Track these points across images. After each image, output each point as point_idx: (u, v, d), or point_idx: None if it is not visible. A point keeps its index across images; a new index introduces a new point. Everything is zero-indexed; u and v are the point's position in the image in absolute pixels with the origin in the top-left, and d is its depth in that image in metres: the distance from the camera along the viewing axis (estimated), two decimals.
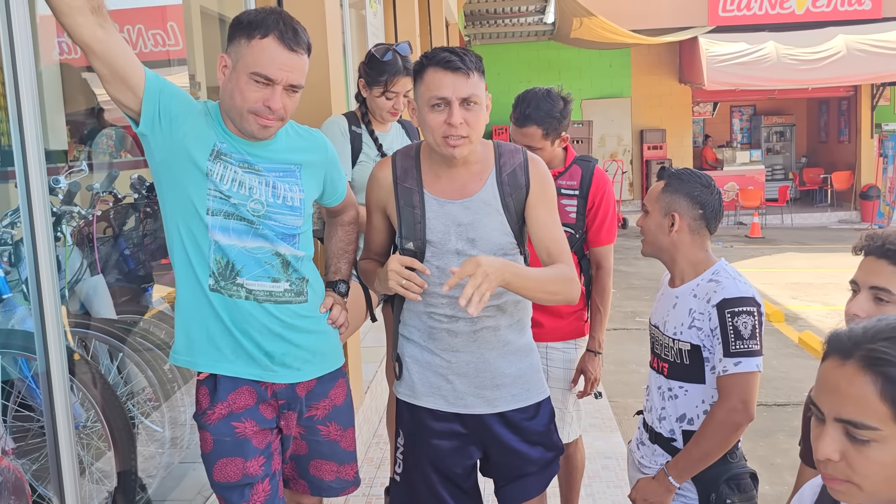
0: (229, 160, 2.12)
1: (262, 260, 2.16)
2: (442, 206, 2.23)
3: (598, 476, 4.13)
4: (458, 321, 2.27)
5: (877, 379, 1.20)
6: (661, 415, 2.35)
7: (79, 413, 2.77)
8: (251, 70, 2.04)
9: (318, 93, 3.53)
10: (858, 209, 16.39)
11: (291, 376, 2.25)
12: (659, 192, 2.34)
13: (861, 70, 14.35)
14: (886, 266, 1.74)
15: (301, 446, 2.34)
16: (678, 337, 2.27)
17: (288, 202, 2.20)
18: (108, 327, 3.21)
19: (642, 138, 17.29)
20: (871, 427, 1.20)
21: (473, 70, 2.13)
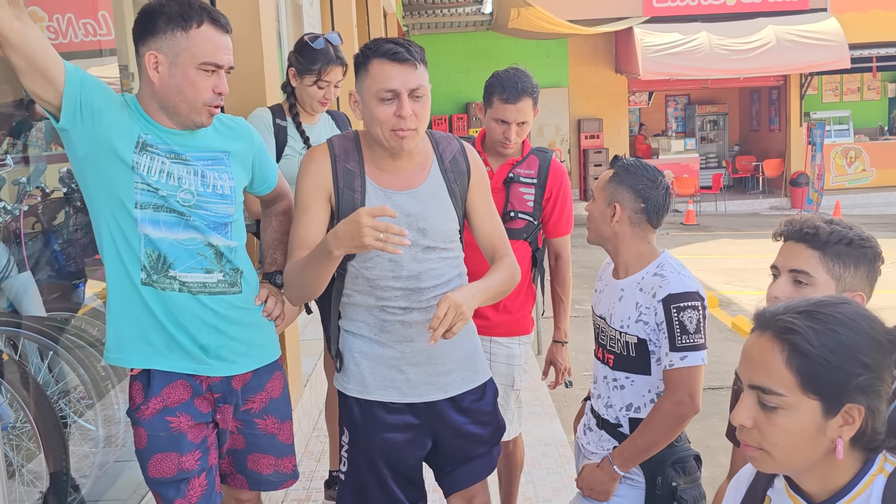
0: (156, 151, 2.09)
1: (195, 251, 2.14)
2: (389, 196, 2.22)
3: (538, 463, 4.17)
4: (412, 312, 2.26)
5: (784, 347, 1.29)
6: (608, 402, 2.38)
7: (7, 414, 2.69)
8: (200, 61, 2.03)
9: (252, 82, 3.48)
10: (789, 196, 16.82)
11: (227, 369, 2.22)
12: (606, 181, 2.36)
13: (790, 60, 14.73)
14: (804, 249, 1.80)
15: (238, 440, 2.32)
16: (625, 330, 2.29)
17: (218, 190, 2.17)
18: (38, 325, 3.13)
19: (580, 128, 17.46)
20: (777, 393, 1.29)
21: (419, 61, 2.14)
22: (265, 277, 2.41)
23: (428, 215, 2.24)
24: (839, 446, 1.28)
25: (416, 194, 2.24)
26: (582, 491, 2.41)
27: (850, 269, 1.77)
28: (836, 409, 1.27)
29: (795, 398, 1.28)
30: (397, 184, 2.24)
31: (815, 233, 1.79)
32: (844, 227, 1.80)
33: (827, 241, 1.77)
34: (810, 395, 1.27)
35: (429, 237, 2.24)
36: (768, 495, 1.46)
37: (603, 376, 2.40)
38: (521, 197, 3.01)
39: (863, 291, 1.78)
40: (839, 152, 16.86)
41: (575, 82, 17.58)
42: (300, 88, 3.22)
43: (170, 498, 2.16)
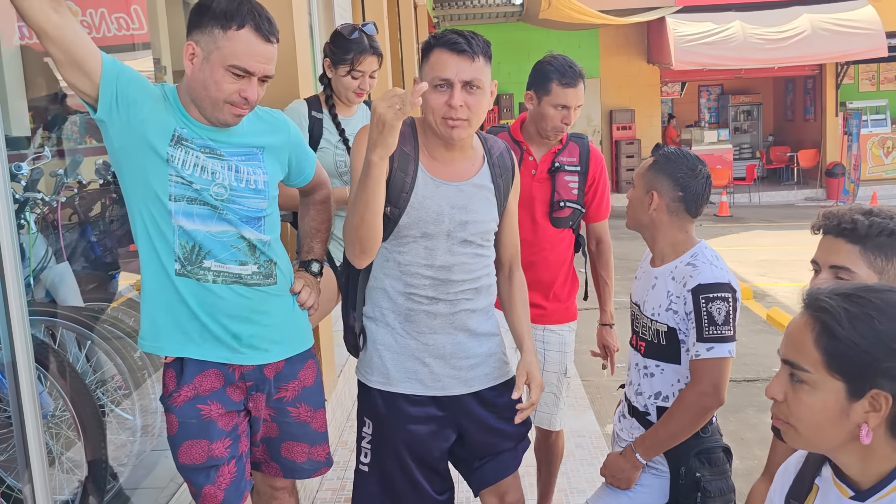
0: (190, 145, 2.09)
1: (228, 243, 2.15)
2: (438, 186, 2.24)
3: (572, 454, 4.16)
4: (438, 303, 2.27)
5: (815, 325, 1.32)
6: (638, 390, 2.37)
7: (47, 402, 2.73)
8: (229, 63, 2.01)
9: (284, 75, 3.49)
10: (824, 187, 16.59)
11: (259, 358, 2.23)
12: (645, 169, 2.35)
13: (825, 49, 14.50)
14: (844, 244, 1.76)
15: (272, 428, 2.33)
16: (656, 318, 2.29)
17: (251, 185, 2.18)
18: (76, 315, 3.17)
19: (611, 119, 17.35)
20: (804, 369, 1.32)
21: (479, 54, 2.14)
22: (301, 266, 2.42)
23: (471, 210, 2.26)
24: (863, 431, 1.29)
25: (463, 187, 2.27)
26: (605, 478, 2.40)
27: (894, 261, 1.74)
28: (861, 392, 1.28)
29: (821, 376, 1.31)
30: (447, 174, 2.26)
31: (853, 227, 1.75)
32: (884, 218, 1.77)
33: (867, 235, 1.74)
34: (835, 376, 1.30)
35: (468, 231, 2.25)
36: (816, 484, 1.45)
37: (635, 363, 2.40)
38: (567, 185, 3.04)
39: None
40: (876, 142, 16.58)
41: (607, 73, 17.46)
42: (335, 79, 3.22)
43: (200, 484, 2.18)
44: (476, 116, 2.17)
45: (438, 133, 2.18)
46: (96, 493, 2.82)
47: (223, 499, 2.19)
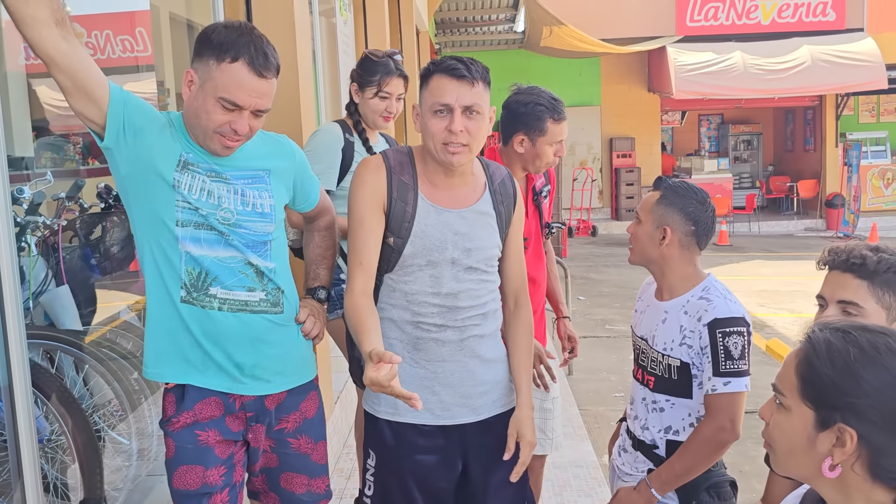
0: (196, 170, 2.10)
1: (236, 269, 2.14)
2: (440, 214, 2.23)
3: (569, 485, 4.14)
4: (446, 330, 2.25)
5: (799, 353, 1.36)
6: (645, 424, 2.35)
7: (42, 426, 2.72)
8: (219, 94, 2.02)
9: (287, 101, 3.51)
10: (824, 217, 16.61)
11: (260, 388, 2.22)
12: (654, 203, 2.32)
13: (825, 80, 14.58)
14: (852, 280, 1.77)
15: (271, 459, 2.31)
16: (668, 353, 2.27)
17: (258, 209, 2.18)
18: (74, 339, 3.16)
19: (612, 146, 17.41)
20: (782, 393, 1.37)
21: (479, 80, 2.16)
22: (307, 293, 2.41)
23: (474, 237, 2.26)
24: (825, 464, 1.30)
25: (465, 214, 2.26)
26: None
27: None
28: (827, 423, 1.30)
29: (794, 402, 1.34)
30: (448, 202, 2.25)
31: (862, 262, 1.76)
32: (891, 255, 1.77)
33: (875, 271, 1.74)
34: (806, 403, 1.32)
35: (472, 258, 2.25)
36: None
37: (641, 398, 2.38)
38: (547, 208, 3.09)
39: None
40: (876, 174, 16.63)
41: (607, 101, 17.54)
42: (363, 103, 3.24)
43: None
44: (476, 142, 2.18)
45: (438, 159, 2.19)
46: None
47: None
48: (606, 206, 17.66)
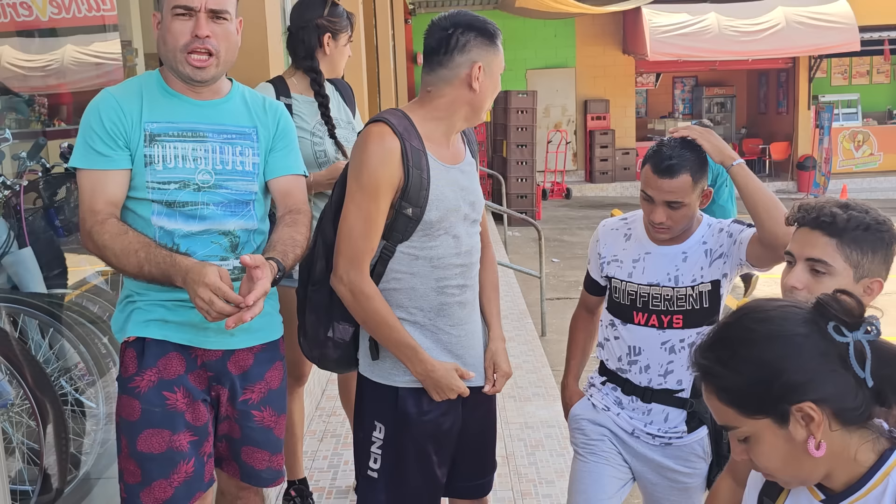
0: (165, 139, 2.08)
1: (209, 240, 2.11)
2: (448, 172, 2.16)
3: (542, 444, 4.16)
4: (465, 290, 2.24)
5: (710, 388, 1.34)
6: (668, 368, 2.36)
7: (6, 391, 2.68)
8: (171, 6, 2.04)
9: (255, 57, 3.43)
10: (795, 179, 16.73)
11: (224, 342, 2.15)
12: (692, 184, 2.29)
13: (799, 42, 14.62)
14: (821, 237, 1.75)
15: (234, 429, 2.24)
16: (700, 281, 2.33)
17: (238, 167, 2.15)
18: (39, 302, 3.11)
19: (586, 108, 17.36)
20: (735, 427, 1.33)
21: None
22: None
23: (473, 189, 2.25)
24: (811, 444, 1.27)
25: (463, 168, 2.24)
26: (691, 132, 2.36)
27: (868, 255, 1.73)
28: (785, 415, 1.27)
29: (749, 425, 1.31)
30: (450, 158, 2.20)
31: (832, 220, 1.74)
32: (860, 212, 1.76)
33: (844, 228, 1.73)
34: (755, 416, 1.29)
35: (476, 210, 2.25)
36: None
37: (661, 343, 2.37)
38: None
39: (880, 276, 1.74)
40: (847, 136, 16.76)
41: (582, 63, 17.46)
42: (336, 52, 3.10)
43: (152, 475, 2.09)
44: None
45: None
46: (58, 482, 2.77)
47: (171, 496, 2.10)
48: (581, 168, 17.66)
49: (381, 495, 2.23)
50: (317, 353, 2.29)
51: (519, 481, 3.73)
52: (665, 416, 2.39)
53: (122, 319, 2.16)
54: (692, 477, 2.40)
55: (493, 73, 2.15)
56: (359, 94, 6.94)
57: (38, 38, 3.86)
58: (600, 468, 2.43)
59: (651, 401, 2.40)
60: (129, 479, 2.12)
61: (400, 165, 2.06)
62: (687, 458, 2.40)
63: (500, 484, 3.66)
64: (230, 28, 2.10)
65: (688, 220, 2.35)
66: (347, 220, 2.09)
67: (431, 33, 2.15)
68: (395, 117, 2.12)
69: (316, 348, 2.27)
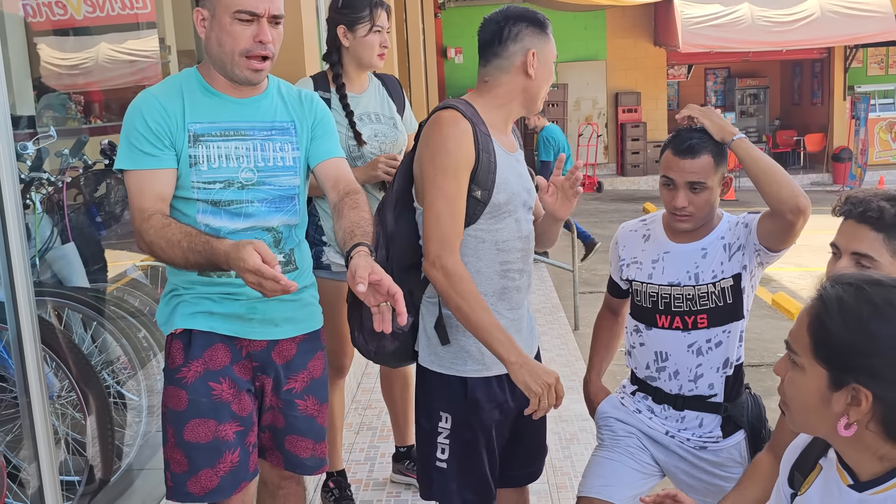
0: (208, 139, 2.10)
1: (253, 237, 2.09)
2: (508, 158, 2.24)
3: (576, 438, 4.16)
4: (524, 275, 2.29)
5: (811, 311, 1.34)
6: (698, 373, 2.34)
7: (52, 383, 2.73)
8: (234, 10, 2.02)
9: (290, 52, 3.45)
10: (831, 171, 16.51)
11: (269, 333, 2.19)
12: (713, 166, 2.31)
13: (834, 32, 14.39)
14: (868, 232, 1.75)
15: (278, 418, 2.27)
16: (721, 276, 2.31)
17: (279, 162, 2.17)
18: (81, 296, 3.17)
19: (617, 101, 17.26)
20: (795, 352, 1.36)
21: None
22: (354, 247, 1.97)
23: (527, 176, 2.32)
24: (841, 423, 1.29)
25: (518, 157, 2.31)
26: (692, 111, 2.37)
27: None
28: (841, 384, 1.29)
29: (808, 361, 1.33)
30: (509, 146, 2.27)
31: (879, 215, 1.74)
32: None
33: (892, 224, 1.72)
34: (819, 363, 1.31)
35: (532, 197, 2.31)
36: (820, 463, 1.47)
37: (687, 345, 2.34)
38: None
39: None
40: (884, 127, 16.49)
41: (613, 55, 17.35)
42: (356, 45, 3.04)
43: (199, 464, 2.12)
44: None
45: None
46: (103, 473, 2.83)
47: (216, 485, 2.14)
48: (612, 161, 17.57)
49: (453, 485, 2.26)
50: (374, 346, 2.30)
51: (554, 474, 3.74)
52: (699, 422, 2.37)
53: (167, 312, 2.19)
54: (729, 481, 2.34)
55: (547, 59, 2.23)
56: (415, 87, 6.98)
57: (73, 37, 3.93)
58: (620, 458, 2.43)
59: (683, 408, 2.38)
60: (176, 468, 2.15)
61: (472, 147, 2.12)
62: (723, 464, 2.37)
63: None
64: (282, 30, 2.13)
65: (709, 208, 2.33)
66: (432, 205, 2.11)
67: (485, 28, 2.23)
68: (462, 104, 2.18)
69: (373, 341, 2.28)
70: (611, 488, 2.35)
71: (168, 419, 2.16)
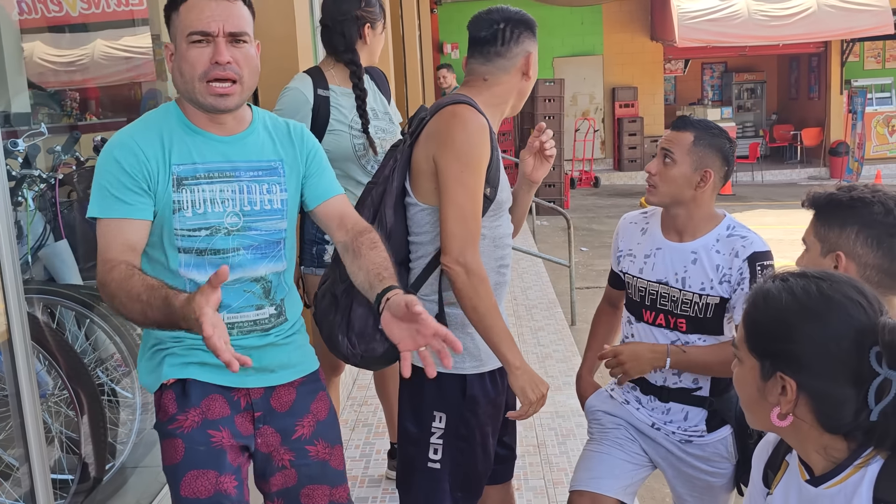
0: (193, 181, 1.92)
1: (241, 290, 1.97)
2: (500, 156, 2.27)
3: (573, 433, 4.16)
4: (507, 271, 2.32)
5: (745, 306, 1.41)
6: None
7: (45, 381, 2.72)
8: (186, 33, 1.87)
9: (284, 47, 3.43)
10: (828, 165, 16.50)
11: (265, 380, 2.04)
12: (691, 145, 2.29)
13: (831, 26, 14.38)
14: (811, 218, 1.86)
15: (289, 477, 2.07)
16: (707, 292, 2.27)
17: (266, 206, 1.99)
18: (75, 293, 3.15)
19: (614, 96, 17.24)
20: (735, 346, 1.42)
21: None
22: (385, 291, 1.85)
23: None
24: (774, 413, 1.32)
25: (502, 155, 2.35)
26: (619, 356, 2.33)
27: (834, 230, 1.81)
28: (770, 374, 1.32)
29: (744, 353, 1.38)
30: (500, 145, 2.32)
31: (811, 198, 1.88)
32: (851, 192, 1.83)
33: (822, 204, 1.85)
34: (752, 353, 1.36)
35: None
36: (786, 460, 1.49)
37: (671, 342, 2.34)
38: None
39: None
40: (881, 121, 16.49)
41: (609, 50, 17.33)
42: (374, 42, 3.06)
43: None
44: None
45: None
46: (96, 471, 2.81)
47: None
48: (609, 156, 17.55)
49: (445, 484, 2.25)
50: (362, 349, 2.23)
51: (550, 470, 3.73)
52: (685, 415, 2.36)
53: (151, 367, 2.01)
54: (716, 476, 2.36)
55: (536, 62, 2.28)
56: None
57: (68, 34, 3.91)
58: (609, 450, 2.43)
59: (668, 400, 2.37)
60: None
61: (489, 144, 2.13)
62: (710, 458, 2.36)
63: (532, 473, 3.67)
64: (250, 51, 1.93)
65: (675, 190, 2.30)
66: (456, 201, 2.09)
67: (482, 27, 2.22)
68: (472, 100, 2.18)
69: (363, 343, 2.22)
70: (599, 480, 2.36)
71: (166, 475, 1.97)
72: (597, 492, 2.34)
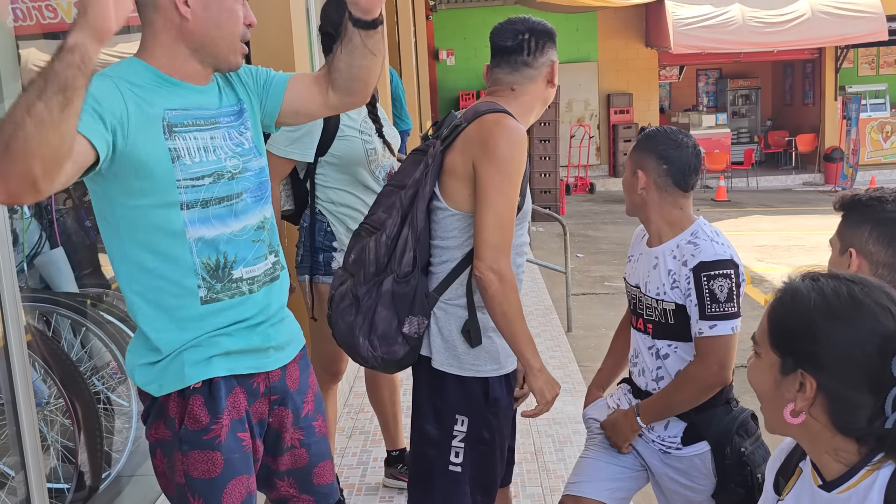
0: (184, 128, 1.78)
1: (250, 240, 1.87)
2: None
3: (570, 440, 4.15)
4: (522, 276, 2.32)
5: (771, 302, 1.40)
6: (658, 374, 2.34)
7: (41, 390, 2.71)
8: None
9: (281, 59, 3.45)
10: (822, 171, 16.54)
11: (280, 359, 1.95)
12: (630, 150, 2.37)
13: (825, 32, 14.42)
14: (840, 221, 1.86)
15: (300, 457, 2.03)
16: (662, 297, 2.27)
17: (247, 144, 1.91)
18: (70, 301, 3.15)
19: (609, 103, 17.27)
20: (755, 340, 1.42)
21: None
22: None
23: None
24: (787, 409, 1.33)
25: None
26: (605, 431, 2.42)
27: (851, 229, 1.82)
28: (790, 369, 1.32)
29: (765, 349, 1.38)
30: None
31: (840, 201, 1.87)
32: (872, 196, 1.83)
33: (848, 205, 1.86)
34: (773, 349, 1.36)
35: None
36: (800, 466, 1.49)
37: (647, 347, 2.36)
38: None
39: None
40: (875, 127, 16.54)
41: (604, 57, 17.37)
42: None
43: None
44: None
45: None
46: (92, 480, 2.81)
47: None
48: (604, 162, 17.57)
49: (466, 487, 2.25)
50: (383, 352, 2.18)
51: (548, 477, 3.73)
52: (665, 424, 2.35)
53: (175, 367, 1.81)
54: (695, 492, 2.34)
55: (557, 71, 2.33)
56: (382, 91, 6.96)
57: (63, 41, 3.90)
58: (598, 454, 2.45)
59: None
60: None
61: (526, 155, 2.19)
62: (688, 472, 2.34)
63: (529, 480, 3.66)
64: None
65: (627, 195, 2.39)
66: (495, 209, 2.10)
67: (507, 36, 2.27)
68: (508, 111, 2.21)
69: (385, 345, 2.17)
70: (585, 484, 2.39)
71: (195, 489, 1.82)
72: (579, 495, 2.37)
